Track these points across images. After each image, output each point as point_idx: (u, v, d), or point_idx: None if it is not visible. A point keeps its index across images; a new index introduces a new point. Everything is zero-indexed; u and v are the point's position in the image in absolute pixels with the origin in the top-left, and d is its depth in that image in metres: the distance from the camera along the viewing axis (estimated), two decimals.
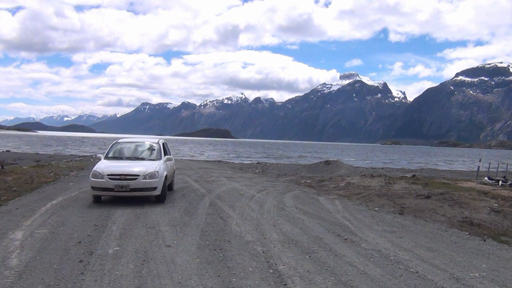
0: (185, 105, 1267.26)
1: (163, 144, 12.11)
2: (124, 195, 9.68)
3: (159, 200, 10.05)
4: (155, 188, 9.75)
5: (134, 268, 5.12)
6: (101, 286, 4.51)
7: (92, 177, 9.61)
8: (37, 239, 6.33)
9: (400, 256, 6.15)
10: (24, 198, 10.14)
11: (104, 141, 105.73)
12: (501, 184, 18.99)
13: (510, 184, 19.25)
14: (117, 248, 6.02)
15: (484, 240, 7.56)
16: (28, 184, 12.48)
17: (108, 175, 9.48)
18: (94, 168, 9.85)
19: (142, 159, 10.83)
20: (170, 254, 5.76)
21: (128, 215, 8.41)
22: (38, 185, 12.41)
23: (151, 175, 9.69)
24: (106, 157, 10.86)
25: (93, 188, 9.64)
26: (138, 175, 9.55)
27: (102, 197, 10.01)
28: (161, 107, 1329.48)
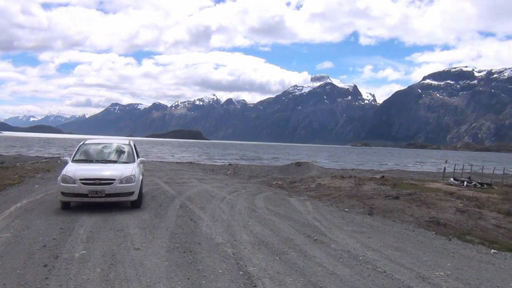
0: (156, 106, 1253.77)
1: (134, 145, 11.38)
2: (99, 201, 8.86)
3: (135, 205, 9.44)
4: (132, 193, 9.10)
5: (101, 272, 5.01)
6: None
7: (62, 182, 8.73)
8: (0, 244, 6.11)
9: (369, 256, 6.25)
10: None
11: (72, 142, 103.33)
12: (466, 185, 19.59)
13: (474, 184, 19.89)
14: (83, 251, 5.87)
15: (450, 240, 7.77)
16: None
17: (80, 179, 8.69)
18: (64, 172, 8.93)
19: (114, 161, 10.05)
20: (139, 257, 5.67)
21: (96, 218, 8.23)
22: (1, 188, 12.02)
23: (128, 179, 9.01)
24: (74, 160, 9.93)
25: (63, 194, 8.73)
26: (114, 179, 8.85)
27: (71, 203, 9.20)
28: (132, 108, 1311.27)
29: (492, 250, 7.04)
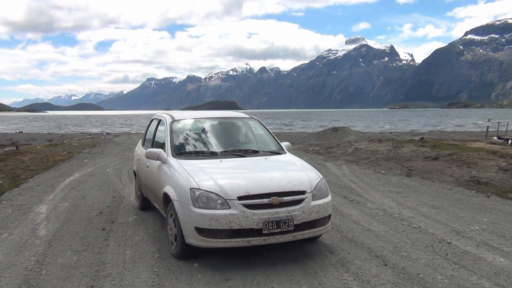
0: (191, 79, 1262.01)
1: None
2: (283, 241, 4.31)
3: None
4: (329, 218, 4.71)
5: (154, 233, 5.49)
6: (124, 250, 4.86)
7: (198, 206, 4.22)
8: (61, 212, 6.72)
9: (404, 214, 6.45)
10: (43, 175, 10.53)
11: (113, 119, 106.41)
12: (511, 143, 19.09)
13: None
14: (135, 216, 6.40)
15: (488, 197, 7.80)
16: (44, 163, 12.87)
17: (242, 198, 4.21)
18: (192, 183, 4.36)
19: (255, 152, 5.49)
20: None
21: None
22: (53, 163, 12.81)
23: (321, 189, 4.69)
24: (179, 154, 5.16)
25: (201, 231, 4.19)
26: (304, 192, 4.47)
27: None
28: (167, 81, 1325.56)
29: None
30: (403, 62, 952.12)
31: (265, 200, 4.21)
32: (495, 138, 21.15)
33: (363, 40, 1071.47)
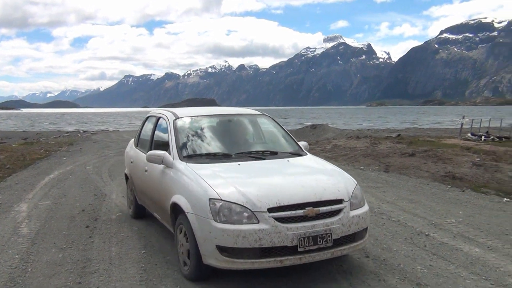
0: (169, 76, 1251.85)
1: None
2: (320, 259, 3.71)
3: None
4: (366, 230, 4.08)
5: (138, 230, 5.51)
6: (110, 246, 4.89)
7: (219, 220, 3.56)
8: (42, 210, 6.67)
9: (384, 208, 6.64)
10: (21, 174, 10.38)
11: (89, 117, 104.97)
12: (484, 139, 19.67)
13: (492, 138, 19.96)
14: (119, 213, 6.40)
15: (463, 191, 8.06)
16: (21, 161, 12.67)
17: (273, 209, 3.57)
18: (208, 194, 3.68)
19: (274, 153, 4.76)
20: None
21: (125, 185, 8.71)
22: (31, 162, 12.62)
23: (357, 196, 4.11)
24: (187, 157, 4.44)
25: (224, 251, 3.53)
26: (341, 200, 3.87)
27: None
28: (145, 78, 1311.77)
29: (505, 199, 7.32)
30: (380, 60, 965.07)
31: (299, 212, 3.57)
32: (469, 134, 21.76)
33: (341, 38, 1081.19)
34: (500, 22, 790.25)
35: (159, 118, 5.38)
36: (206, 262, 3.66)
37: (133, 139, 6.49)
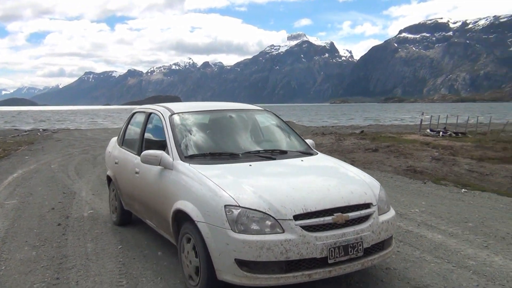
0: (131, 73, 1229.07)
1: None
2: (350, 271, 3.31)
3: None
4: (392, 238, 3.73)
5: (112, 227, 5.51)
6: (85, 243, 4.88)
7: (237, 229, 3.10)
8: (9, 209, 6.53)
9: None
10: None
11: (48, 115, 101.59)
12: (442, 135, 20.52)
13: (449, 134, 20.83)
14: (91, 211, 6.36)
15: (425, 183, 8.47)
16: None
17: (299, 217, 3.15)
18: (222, 199, 3.21)
19: (283, 152, 4.36)
20: None
21: (94, 183, 8.65)
22: None
23: (383, 199, 3.70)
24: (189, 157, 3.96)
25: (244, 265, 3.08)
26: (370, 203, 3.48)
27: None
28: (106, 75, 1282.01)
29: (463, 190, 7.75)
30: (343, 58, 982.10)
31: (328, 219, 3.17)
32: (428, 130, 22.64)
33: (305, 36, 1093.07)
34: (455, 23, 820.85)
35: (150, 114, 4.87)
36: (221, 278, 3.18)
37: (115, 138, 5.97)
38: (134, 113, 5.55)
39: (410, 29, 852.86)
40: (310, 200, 3.23)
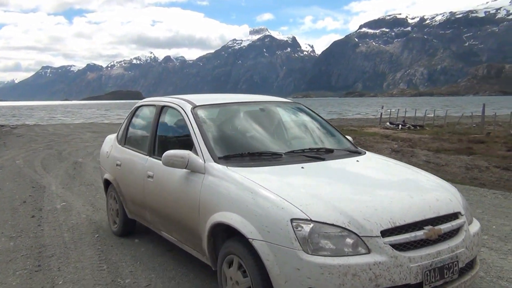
0: (91, 67, 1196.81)
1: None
2: None
3: None
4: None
5: (87, 217, 5.64)
6: (61, 233, 5.00)
7: (310, 251, 2.40)
8: None
9: None
10: None
11: (3, 111, 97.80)
12: (401, 128, 21.42)
13: (408, 127, 21.77)
14: (64, 203, 6.43)
15: None
16: None
17: (387, 232, 2.49)
18: (288, 212, 2.51)
19: (330, 151, 3.64)
20: None
21: (62, 177, 8.65)
22: None
23: (466, 207, 3.05)
24: (223, 159, 3.23)
25: None
26: (458, 213, 2.88)
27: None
28: (64, 70, 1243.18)
29: None
30: (305, 53, 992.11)
31: (420, 234, 2.55)
32: (388, 123, 23.54)
33: (267, 30, 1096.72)
34: (413, 18, 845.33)
35: (163, 107, 4.16)
36: None
37: (111, 135, 5.32)
38: (138, 107, 4.85)
39: (370, 24, 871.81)
40: (395, 211, 2.59)
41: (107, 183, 5.03)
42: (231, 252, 2.84)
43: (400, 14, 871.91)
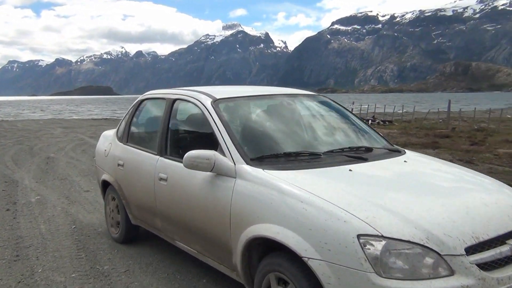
0: (60, 62, 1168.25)
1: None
2: None
3: None
4: None
5: (62, 210, 5.71)
6: (38, 225, 5.07)
7: (384, 274, 1.97)
8: None
9: None
10: None
11: None
12: (371, 123, 21.96)
13: (378, 122, 22.35)
14: (38, 197, 6.46)
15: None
16: None
17: (470, 249, 2.09)
18: (354, 226, 2.06)
19: (369, 150, 3.20)
20: (92, 196, 6.41)
21: (35, 171, 8.63)
22: None
23: None
24: (257, 159, 2.76)
25: None
26: None
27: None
28: (32, 64, 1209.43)
29: None
30: (278, 49, 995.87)
31: (505, 250, 2.19)
32: None
33: (240, 26, 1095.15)
34: (384, 16, 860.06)
35: (175, 101, 3.66)
36: None
37: (108, 132, 4.92)
38: (142, 100, 4.33)
39: (342, 21, 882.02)
40: (475, 223, 2.22)
41: (105, 185, 4.58)
42: (277, 270, 2.40)
43: (371, 11, 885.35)
